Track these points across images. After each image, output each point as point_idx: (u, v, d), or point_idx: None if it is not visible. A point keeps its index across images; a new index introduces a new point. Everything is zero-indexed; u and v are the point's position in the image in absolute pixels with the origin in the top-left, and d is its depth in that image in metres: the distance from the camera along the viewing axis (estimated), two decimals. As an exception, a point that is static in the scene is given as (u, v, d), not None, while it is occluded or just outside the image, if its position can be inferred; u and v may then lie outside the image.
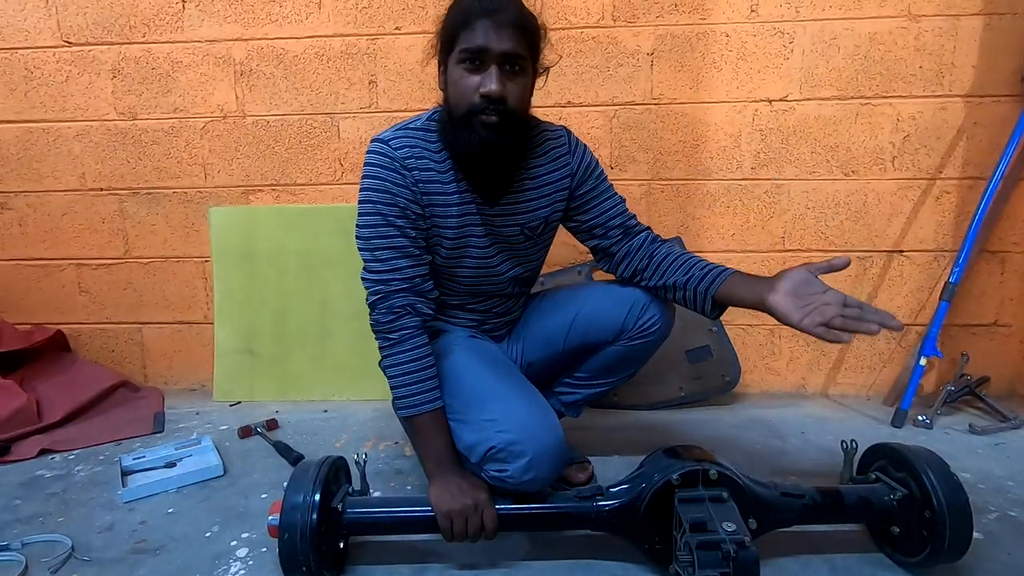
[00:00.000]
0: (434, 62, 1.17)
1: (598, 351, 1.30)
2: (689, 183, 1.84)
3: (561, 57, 1.76)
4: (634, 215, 1.30)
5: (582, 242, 1.33)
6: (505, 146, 1.12)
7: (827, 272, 1.07)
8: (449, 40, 1.10)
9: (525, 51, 1.09)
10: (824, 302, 1.02)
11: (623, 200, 1.29)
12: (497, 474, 1.09)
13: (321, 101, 1.87)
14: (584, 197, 1.27)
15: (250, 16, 1.84)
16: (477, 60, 1.07)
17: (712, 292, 1.16)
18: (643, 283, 1.26)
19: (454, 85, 1.10)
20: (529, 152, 1.22)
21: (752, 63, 1.78)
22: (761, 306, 1.08)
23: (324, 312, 1.91)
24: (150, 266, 1.99)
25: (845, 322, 0.99)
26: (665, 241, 1.29)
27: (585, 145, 1.29)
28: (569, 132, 1.28)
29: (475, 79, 1.07)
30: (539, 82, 1.18)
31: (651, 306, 1.26)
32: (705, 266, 1.20)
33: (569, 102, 1.83)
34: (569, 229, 1.33)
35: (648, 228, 1.30)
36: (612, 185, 1.30)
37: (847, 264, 1.07)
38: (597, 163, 1.29)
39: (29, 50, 1.88)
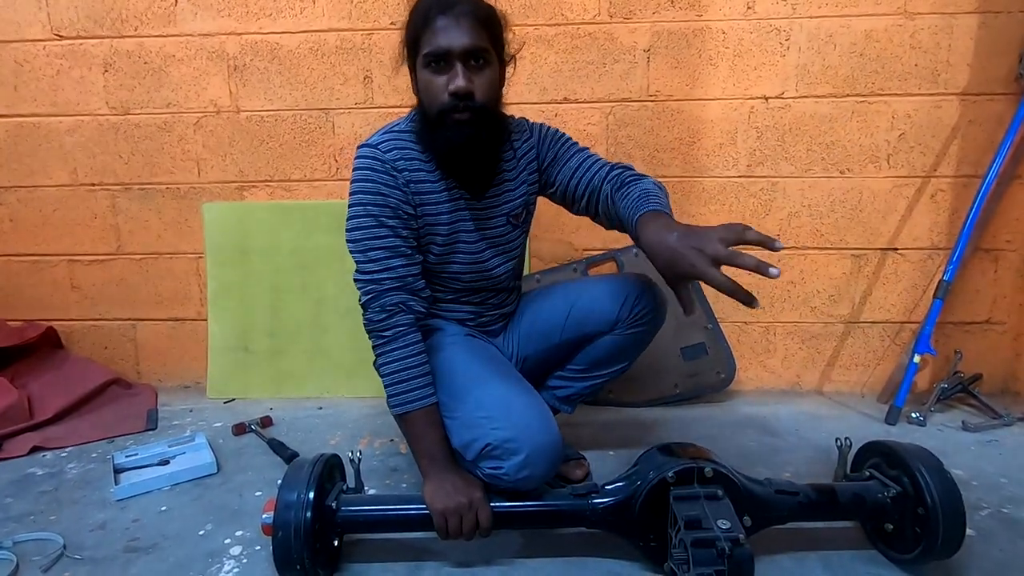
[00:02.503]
0: (404, 68, 1.18)
1: (593, 342, 1.31)
2: (685, 180, 1.84)
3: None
4: (603, 165, 1.24)
5: (579, 214, 1.30)
6: (481, 138, 1.13)
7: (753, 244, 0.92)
8: (413, 44, 1.12)
9: (487, 43, 1.11)
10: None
11: (591, 156, 1.26)
12: (492, 471, 1.09)
13: (316, 96, 1.86)
14: (552, 166, 1.27)
15: (243, 10, 1.82)
16: (441, 61, 1.09)
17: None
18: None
19: (424, 88, 1.13)
20: (503, 144, 1.24)
21: (748, 60, 1.77)
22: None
23: (319, 309, 1.90)
24: (143, 262, 1.98)
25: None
26: (622, 186, 1.19)
27: (542, 124, 1.31)
28: (526, 119, 1.31)
29: (442, 79, 1.10)
30: (508, 71, 1.19)
31: (644, 297, 1.27)
32: (630, 206, 1.12)
33: (565, 98, 1.82)
34: (560, 204, 1.31)
35: (608, 174, 1.22)
36: (576, 145, 1.28)
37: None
38: (556, 131, 1.30)
39: (19, 43, 1.86)
